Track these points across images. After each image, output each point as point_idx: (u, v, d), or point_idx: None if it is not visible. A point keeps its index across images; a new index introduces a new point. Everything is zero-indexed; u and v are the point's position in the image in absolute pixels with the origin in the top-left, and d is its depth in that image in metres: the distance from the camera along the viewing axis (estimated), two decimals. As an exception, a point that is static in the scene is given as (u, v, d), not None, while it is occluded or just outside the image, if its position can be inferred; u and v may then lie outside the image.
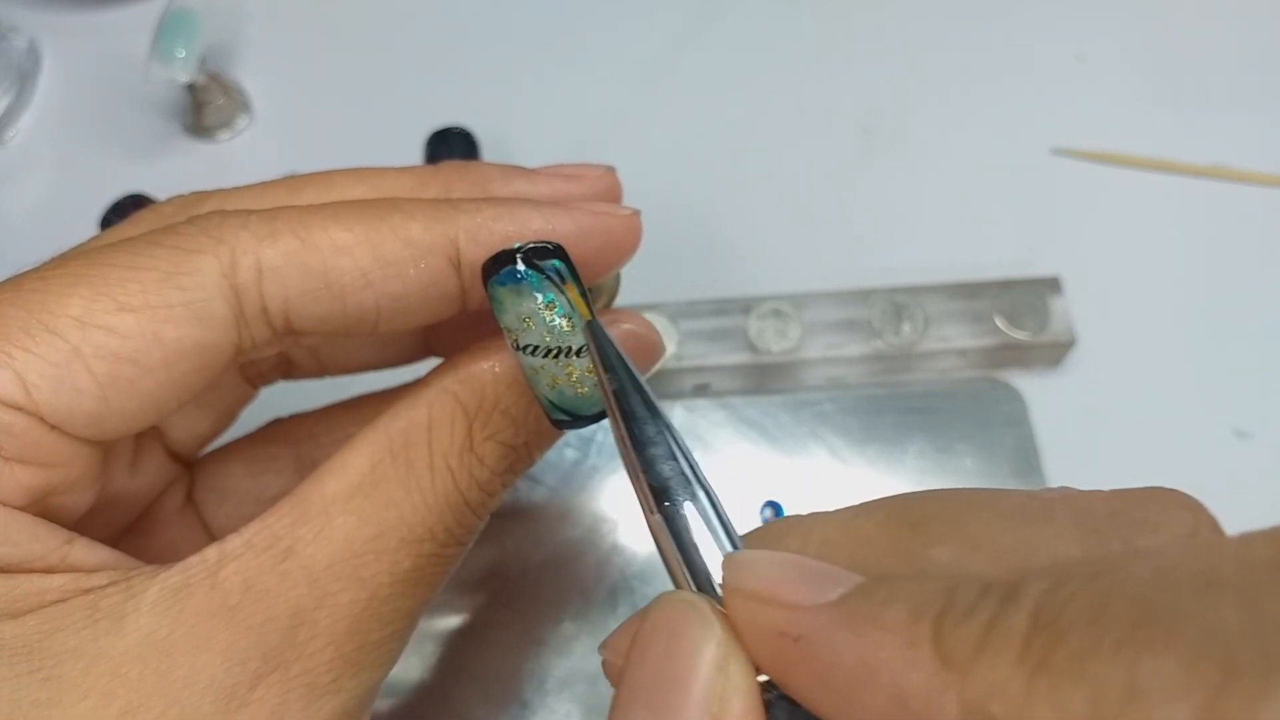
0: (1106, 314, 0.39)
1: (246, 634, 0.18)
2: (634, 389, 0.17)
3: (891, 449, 0.36)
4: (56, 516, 0.20)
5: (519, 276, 0.19)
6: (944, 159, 0.43)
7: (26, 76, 0.48)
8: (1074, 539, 0.14)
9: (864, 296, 0.38)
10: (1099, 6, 0.47)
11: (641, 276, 0.27)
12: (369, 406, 0.28)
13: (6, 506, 0.19)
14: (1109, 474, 0.17)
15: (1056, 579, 0.12)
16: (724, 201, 0.43)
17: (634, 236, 0.22)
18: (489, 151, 0.44)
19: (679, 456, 0.17)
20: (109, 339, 0.19)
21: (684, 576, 0.16)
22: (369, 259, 0.20)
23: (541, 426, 0.21)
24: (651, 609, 0.15)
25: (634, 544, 0.34)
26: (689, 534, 0.16)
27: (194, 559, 0.19)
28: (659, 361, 0.23)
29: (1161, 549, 0.13)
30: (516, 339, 0.19)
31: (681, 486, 0.16)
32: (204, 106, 0.45)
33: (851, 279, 0.39)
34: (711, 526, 0.16)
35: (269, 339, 0.20)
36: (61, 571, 0.19)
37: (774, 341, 0.37)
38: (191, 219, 0.20)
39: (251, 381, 0.27)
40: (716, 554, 0.16)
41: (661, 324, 0.38)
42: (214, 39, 0.47)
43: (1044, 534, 0.14)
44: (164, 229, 0.20)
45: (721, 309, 0.38)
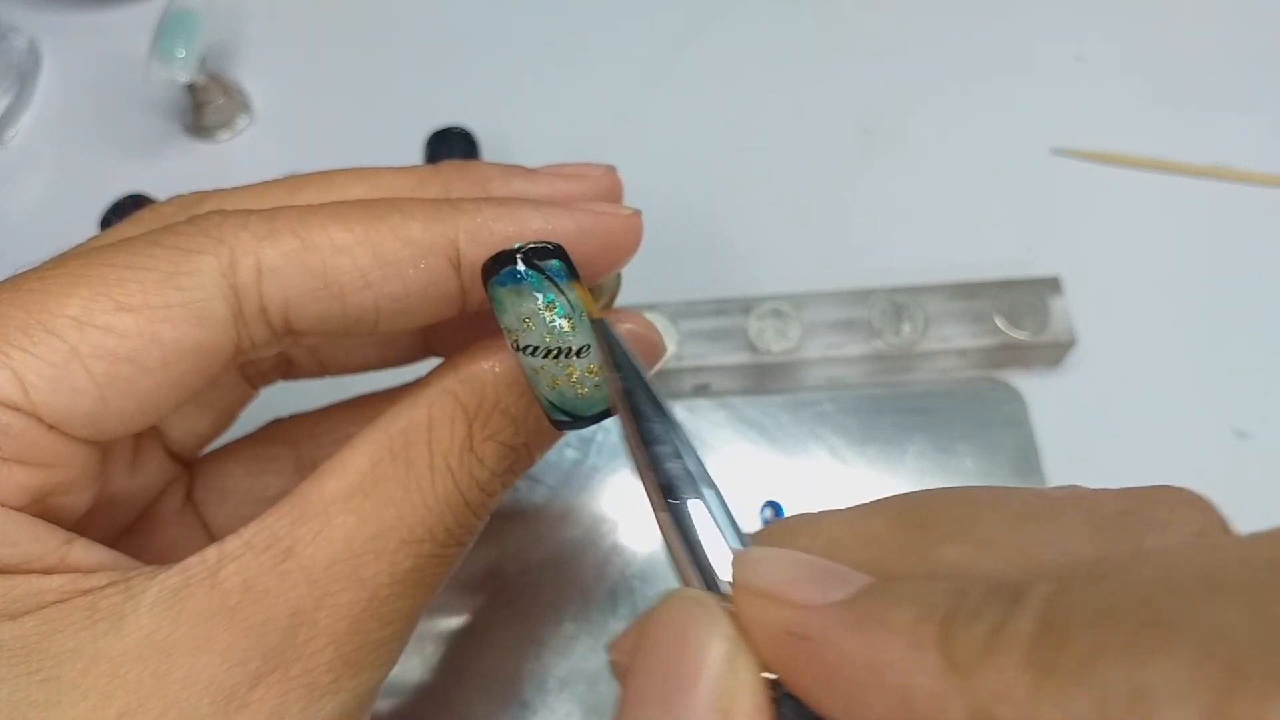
0: (1106, 314, 0.39)
1: (246, 634, 0.18)
2: (642, 388, 0.17)
3: (891, 449, 0.36)
4: (55, 517, 0.20)
5: (519, 277, 0.19)
6: (944, 159, 0.43)
7: (26, 76, 0.48)
8: (1083, 537, 0.14)
9: (864, 296, 0.38)
10: (1099, 6, 0.47)
11: (641, 276, 0.27)
12: (369, 406, 0.28)
13: (5, 507, 0.19)
14: (1109, 474, 0.16)
15: (1062, 581, 0.12)
16: (724, 201, 0.43)
17: (635, 236, 0.22)
18: (489, 151, 0.44)
19: (686, 455, 0.17)
20: (107, 339, 0.19)
21: (692, 574, 0.16)
22: (368, 259, 0.20)
23: (541, 427, 0.21)
24: (659, 606, 0.15)
25: (634, 544, 0.34)
26: (696, 532, 0.16)
27: (193, 559, 0.19)
28: (660, 362, 0.23)
29: (1166, 550, 0.13)
30: (516, 339, 0.19)
31: (689, 485, 0.16)
32: (204, 106, 0.45)
33: (851, 279, 0.39)
34: (719, 524, 0.16)
35: (268, 339, 0.20)
36: (60, 572, 0.19)
37: (774, 341, 0.37)
38: (191, 219, 0.20)
39: (251, 381, 0.27)
40: (724, 552, 0.16)
41: (661, 324, 0.38)
42: (214, 39, 0.47)
43: (1053, 532, 0.14)
44: (163, 229, 0.20)
45: (721, 309, 0.38)
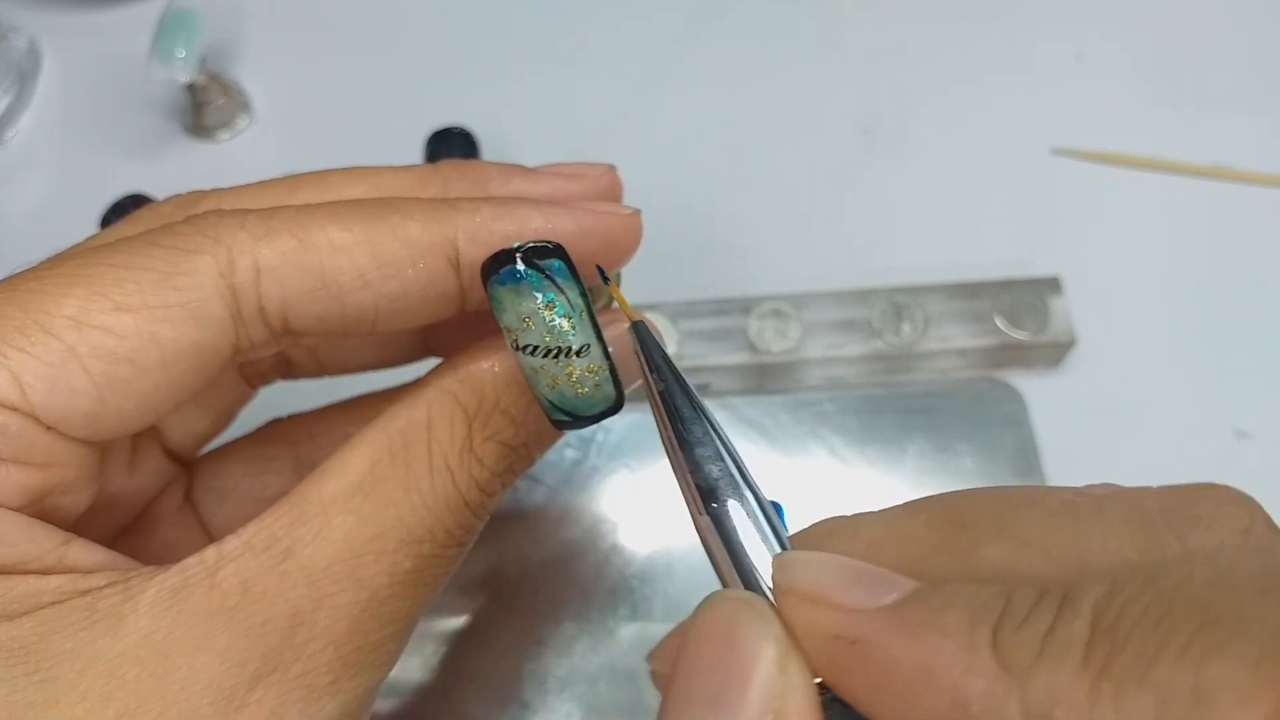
0: (1106, 314, 0.39)
1: (245, 635, 0.18)
2: (680, 389, 0.17)
3: (891, 449, 0.36)
4: (53, 517, 0.20)
5: (519, 276, 0.19)
6: (944, 159, 0.43)
7: (26, 76, 0.48)
8: (1127, 536, 0.14)
9: (864, 296, 0.38)
10: (1099, 6, 0.47)
11: (641, 276, 0.27)
12: (368, 406, 0.28)
13: (2, 508, 0.18)
14: (1109, 474, 0.16)
15: (1114, 583, 0.12)
16: (724, 201, 0.43)
17: (634, 236, 0.22)
18: (489, 151, 0.44)
19: (726, 457, 0.16)
20: (105, 339, 0.18)
21: (734, 578, 0.16)
22: (367, 259, 0.20)
23: (541, 427, 0.21)
24: (704, 607, 0.15)
25: (634, 544, 0.34)
26: (737, 535, 0.16)
27: (192, 560, 0.19)
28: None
29: (1218, 550, 0.13)
30: (516, 339, 0.19)
31: (730, 487, 0.16)
32: (204, 106, 0.45)
33: (851, 279, 0.39)
34: (760, 527, 0.16)
35: (267, 339, 0.20)
36: (59, 573, 0.19)
37: (774, 341, 0.37)
38: (189, 219, 0.20)
39: (250, 381, 0.27)
40: (765, 555, 0.16)
41: (662, 324, 0.38)
42: (214, 39, 0.47)
43: (1096, 531, 0.14)
44: (161, 229, 0.20)
45: (721, 309, 0.38)
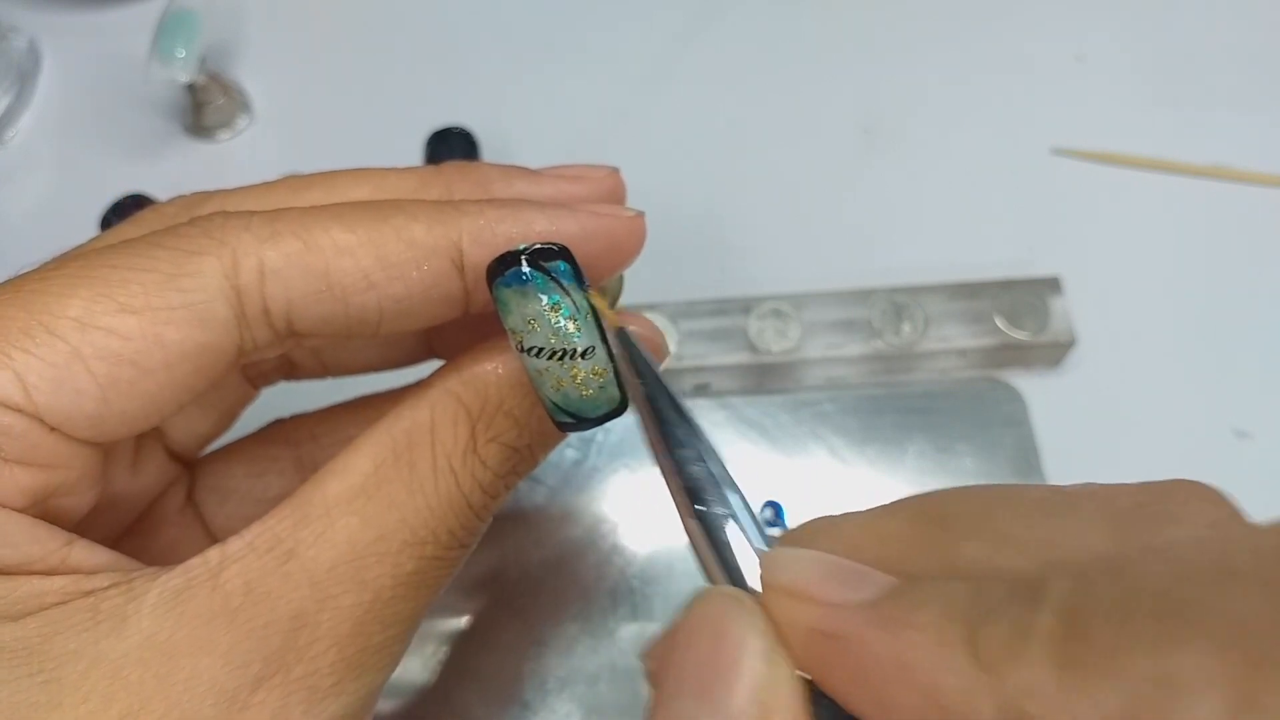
0: (1106, 314, 0.39)
1: (248, 636, 0.18)
2: (664, 395, 0.18)
3: (891, 449, 0.36)
4: (56, 518, 0.20)
5: (524, 278, 0.19)
6: (944, 159, 0.43)
7: (26, 76, 0.48)
8: (1099, 531, 0.14)
9: (864, 296, 0.38)
10: (1099, 6, 0.47)
11: (641, 276, 0.26)
12: (370, 407, 0.28)
13: (5, 508, 0.18)
14: (1109, 474, 0.16)
15: (1080, 577, 0.12)
16: (724, 201, 0.43)
17: (638, 238, 0.22)
18: (489, 151, 0.44)
19: (710, 459, 0.17)
20: (110, 340, 0.19)
21: (720, 576, 0.16)
22: (371, 260, 0.20)
23: (545, 428, 0.21)
24: (693, 604, 0.15)
25: (634, 544, 0.34)
26: (723, 534, 0.16)
27: (195, 561, 0.19)
28: (664, 363, 0.23)
29: (1179, 543, 0.14)
30: (521, 341, 0.19)
31: (714, 488, 0.17)
32: (204, 106, 0.45)
33: (851, 279, 0.39)
34: (744, 527, 0.16)
35: (271, 341, 0.20)
36: (62, 573, 0.19)
37: (774, 341, 0.37)
38: (193, 220, 0.20)
39: (253, 382, 0.27)
40: (750, 554, 0.16)
41: (662, 324, 0.38)
42: (214, 39, 0.47)
43: (1069, 527, 0.15)
44: (165, 230, 0.20)
45: (721, 309, 0.38)
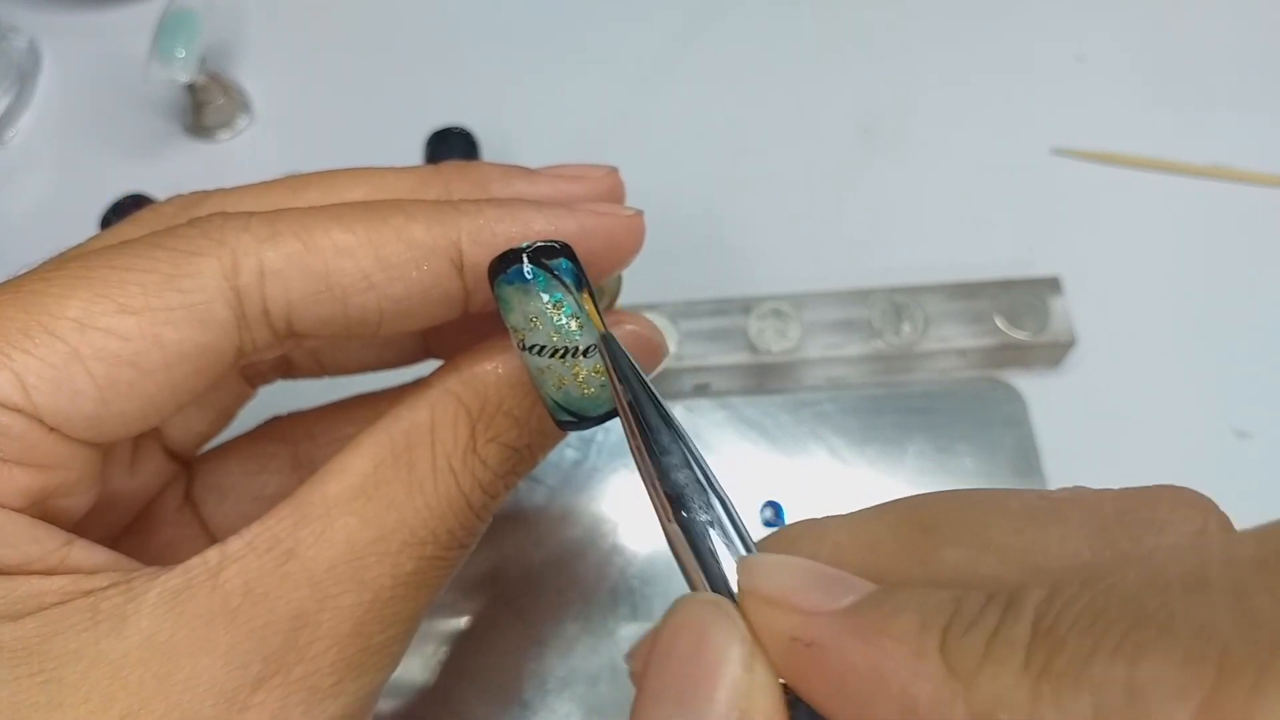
0: (1106, 314, 0.39)
1: (248, 637, 0.18)
2: (648, 400, 0.18)
3: (891, 449, 0.36)
4: (56, 518, 0.20)
5: (526, 276, 0.19)
6: (944, 159, 0.43)
7: (26, 76, 0.48)
8: (1082, 539, 0.14)
9: (864, 296, 0.38)
10: (1099, 6, 0.47)
11: (641, 276, 0.27)
12: (367, 406, 0.28)
13: (5, 509, 0.18)
14: (1109, 474, 0.17)
15: (1054, 586, 0.12)
16: (724, 201, 0.43)
17: (637, 238, 0.22)
18: (489, 151, 0.44)
19: (693, 464, 0.17)
20: (109, 341, 0.19)
21: (702, 583, 0.16)
22: (371, 261, 0.20)
23: (544, 428, 0.21)
24: (674, 610, 0.15)
25: (634, 544, 0.34)
26: (706, 541, 0.16)
27: (195, 561, 0.19)
28: (663, 363, 0.23)
29: (1153, 552, 0.14)
30: (523, 339, 0.19)
31: (697, 494, 0.16)
32: (204, 106, 0.45)
33: (851, 279, 0.39)
34: (726, 533, 0.16)
35: (271, 342, 0.20)
36: (61, 573, 0.19)
37: (774, 341, 0.37)
38: (192, 221, 0.20)
39: (250, 381, 0.27)
40: (732, 560, 0.16)
41: (661, 324, 0.38)
42: (214, 39, 0.47)
43: (1054, 534, 0.15)
44: (165, 231, 0.20)
45: (721, 309, 0.38)
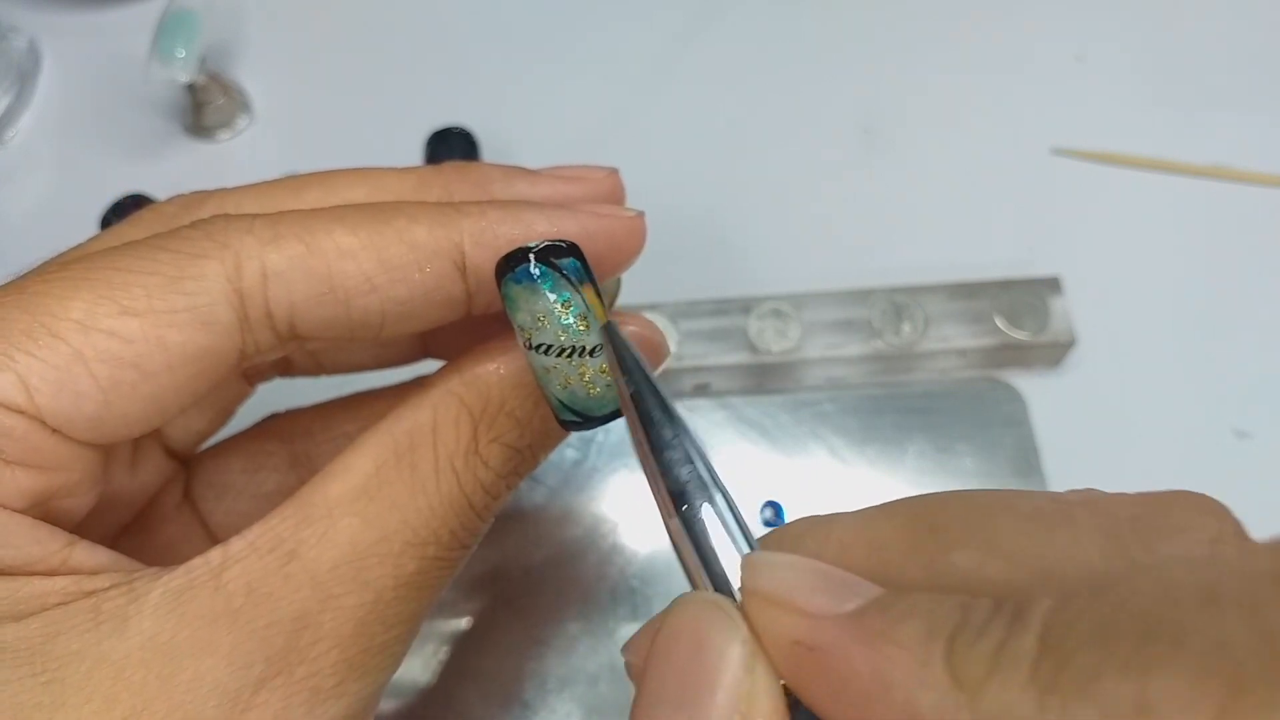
0: (1106, 314, 0.39)
1: (250, 637, 0.18)
2: (651, 393, 0.17)
3: (891, 449, 0.36)
4: (57, 519, 0.20)
5: (534, 275, 0.19)
6: (944, 159, 0.43)
7: (26, 76, 0.48)
8: (1094, 544, 0.14)
9: (864, 296, 0.38)
10: (1099, 6, 0.47)
11: (641, 276, 0.26)
12: (365, 404, 0.28)
13: (7, 510, 0.18)
14: (1109, 474, 0.16)
15: (1063, 597, 0.12)
16: (724, 201, 0.43)
17: (638, 239, 0.22)
18: (489, 151, 0.44)
19: (696, 460, 0.16)
20: (112, 343, 0.19)
21: (703, 581, 0.16)
22: (374, 263, 0.20)
23: (547, 428, 0.21)
24: (674, 609, 0.15)
25: (635, 544, 0.34)
26: (707, 538, 0.16)
27: (197, 561, 0.19)
28: (664, 363, 0.23)
29: (1165, 563, 0.13)
30: (529, 338, 0.19)
31: (699, 490, 0.16)
32: (204, 106, 0.45)
33: (851, 279, 0.39)
34: (729, 530, 0.16)
35: (273, 343, 0.20)
36: (63, 574, 0.19)
37: (774, 341, 0.37)
38: (195, 223, 0.20)
39: (249, 379, 0.27)
40: (735, 558, 0.16)
41: (662, 324, 0.38)
42: (214, 39, 0.47)
43: (1064, 538, 0.14)
44: (168, 233, 0.20)
45: (721, 309, 0.38)
